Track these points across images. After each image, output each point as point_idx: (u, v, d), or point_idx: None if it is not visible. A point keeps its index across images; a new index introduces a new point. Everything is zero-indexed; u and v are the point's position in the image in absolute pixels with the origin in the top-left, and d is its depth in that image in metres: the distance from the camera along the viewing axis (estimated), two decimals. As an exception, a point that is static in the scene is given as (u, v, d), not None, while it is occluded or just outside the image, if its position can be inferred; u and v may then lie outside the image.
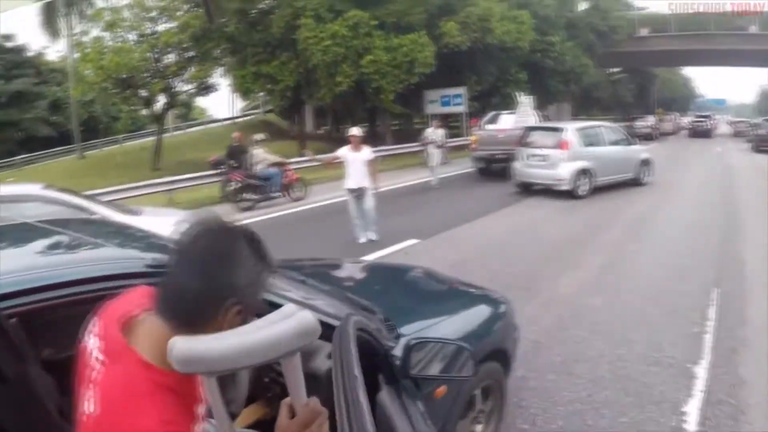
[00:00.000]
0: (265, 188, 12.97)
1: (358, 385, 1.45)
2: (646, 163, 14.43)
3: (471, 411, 2.86)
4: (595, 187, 12.61)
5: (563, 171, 12.24)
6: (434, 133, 15.79)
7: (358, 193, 8.32)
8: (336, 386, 1.49)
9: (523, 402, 3.67)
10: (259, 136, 14.17)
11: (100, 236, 2.08)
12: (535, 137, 13.45)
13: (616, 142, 13.95)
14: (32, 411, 1.25)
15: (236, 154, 13.78)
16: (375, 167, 8.53)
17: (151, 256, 1.67)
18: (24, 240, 1.99)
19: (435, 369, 2.25)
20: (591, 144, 12.99)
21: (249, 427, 2.20)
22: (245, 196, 12.85)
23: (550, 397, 3.74)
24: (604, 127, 14.57)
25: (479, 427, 2.94)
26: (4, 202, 5.67)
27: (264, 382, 2.21)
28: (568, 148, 12.42)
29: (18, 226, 1.97)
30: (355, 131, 8.54)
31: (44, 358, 2.79)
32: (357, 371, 1.50)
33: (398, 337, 2.31)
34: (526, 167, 13.12)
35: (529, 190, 13.30)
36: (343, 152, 8.40)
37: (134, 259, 1.66)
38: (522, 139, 13.66)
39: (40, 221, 2.28)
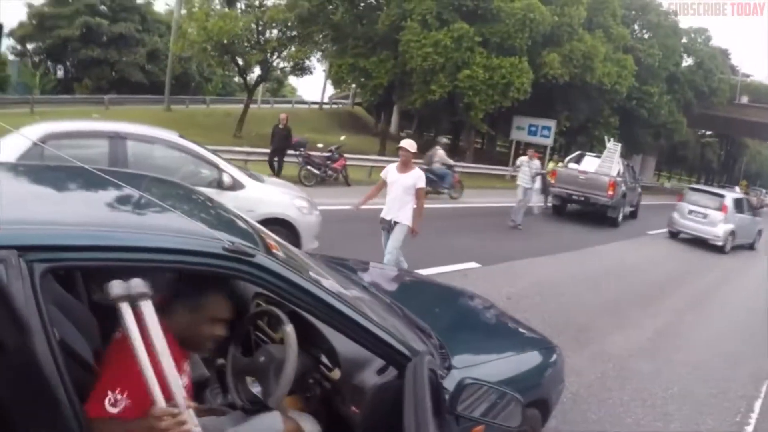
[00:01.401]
0: (437, 183, 14.98)
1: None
2: (760, 233, 17.15)
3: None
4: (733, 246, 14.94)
5: (719, 230, 14.53)
6: (530, 163, 13.21)
7: (389, 227, 6.31)
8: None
9: (551, 454, 3.59)
10: (444, 139, 17.77)
11: (188, 207, 2.13)
12: (697, 197, 15.63)
13: (749, 212, 16.55)
14: (30, 383, 1.28)
15: (278, 136, 14.96)
16: (421, 200, 6.19)
17: (230, 239, 1.68)
18: (114, 194, 2.01)
19: (480, 410, 2.24)
20: (739, 211, 15.32)
21: None
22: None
23: (577, 456, 3.65)
24: (746, 199, 17.79)
25: (506, 471, 2.90)
26: (140, 141, 5.87)
27: (308, 383, 2.26)
28: (726, 212, 14.66)
29: (115, 175, 2.06)
30: (407, 144, 6.24)
31: (94, 300, 2.94)
32: (431, 418, 1.52)
33: (450, 368, 2.31)
34: (684, 219, 15.28)
35: (607, 238, 13.47)
36: (387, 171, 6.37)
37: (215, 239, 1.65)
38: (682, 196, 16.15)
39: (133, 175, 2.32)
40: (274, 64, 25.65)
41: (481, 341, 2.95)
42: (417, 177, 6.10)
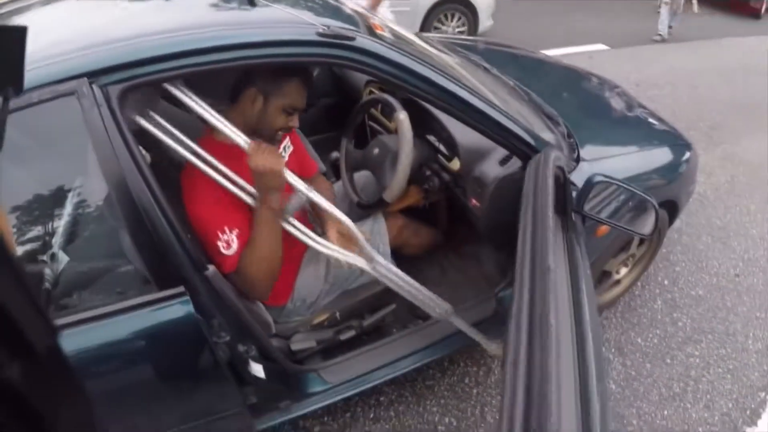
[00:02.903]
0: None
1: (548, 227, 1.32)
2: None
3: (624, 252, 2.69)
4: None
5: None
6: None
7: None
8: (523, 225, 1.37)
9: (670, 256, 3.43)
10: None
11: None
12: None
13: None
14: (62, 389, 1.22)
15: None
16: None
17: (323, 23, 1.48)
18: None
19: (609, 210, 2.06)
20: None
21: (400, 211, 2.20)
22: None
23: (698, 261, 3.45)
24: None
25: (623, 270, 2.80)
26: None
27: (425, 174, 2.14)
28: None
29: None
30: None
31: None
32: (551, 221, 1.36)
33: (578, 159, 2.10)
34: None
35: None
36: None
37: (306, 24, 1.47)
38: None
39: None
40: None
41: (611, 131, 2.65)
42: None
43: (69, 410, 0.51)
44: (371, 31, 1.60)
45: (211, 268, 1.45)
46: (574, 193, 1.76)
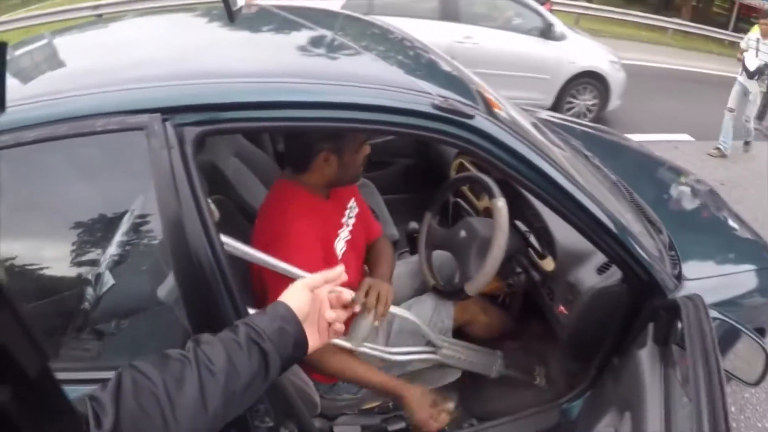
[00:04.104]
0: None
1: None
2: None
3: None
4: None
5: None
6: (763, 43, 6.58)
7: None
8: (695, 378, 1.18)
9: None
10: None
11: (386, 49, 1.75)
12: None
13: None
14: (53, 414, 1.07)
15: None
16: None
17: (440, 93, 1.33)
18: (292, 36, 1.72)
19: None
20: None
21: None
22: None
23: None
24: None
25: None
26: None
27: (513, 268, 1.95)
28: None
29: (297, 13, 1.72)
30: None
31: (279, 151, 2.78)
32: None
33: (679, 277, 1.88)
34: None
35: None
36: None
37: (422, 93, 1.30)
38: None
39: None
40: None
41: (708, 244, 2.37)
42: None
43: None
44: (489, 108, 1.43)
45: None
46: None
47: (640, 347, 1.51)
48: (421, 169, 2.88)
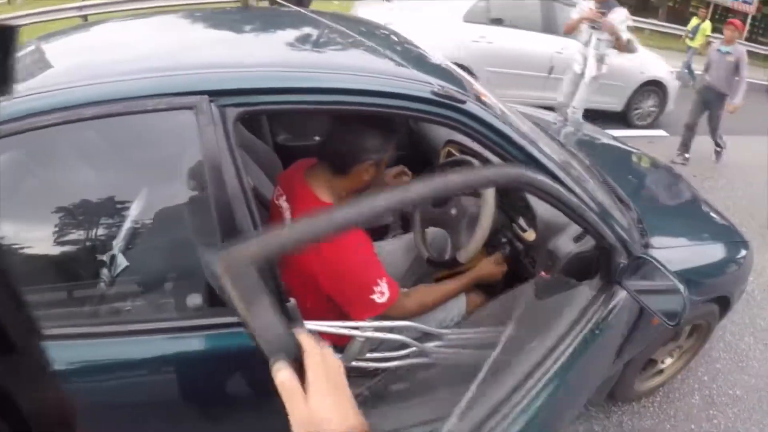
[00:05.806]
0: None
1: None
2: None
3: (672, 342, 2.70)
4: None
5: None
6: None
7: None
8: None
9: (712, 352, 3.40)
10: None
11: (392, 50, 1.97)
12: None
13: None
14: (42, 385, 1.28)
15: None
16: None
17: (439, 83, 1.55)
18: (313, 34, 1.92)
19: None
20: None
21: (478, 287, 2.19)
22: None
23: (739, 360, 3.41)
24: None
25: (668, 360, 2.79)
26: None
27: (499, 240, 2.17)
28: None
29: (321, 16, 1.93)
30: None
31: (278, 142, 2.97)
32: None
33: (647, 245, 2.10)
34: None
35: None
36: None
37: (424, 82, 1.53)
38: None
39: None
40: None
41: (676, 221, 2.68)
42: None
43: (51, 410, 0.50)
44: (477, 97, 1.66)
45: (292, 300, 1.44)
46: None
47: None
48: (412, 159, 3.06)
